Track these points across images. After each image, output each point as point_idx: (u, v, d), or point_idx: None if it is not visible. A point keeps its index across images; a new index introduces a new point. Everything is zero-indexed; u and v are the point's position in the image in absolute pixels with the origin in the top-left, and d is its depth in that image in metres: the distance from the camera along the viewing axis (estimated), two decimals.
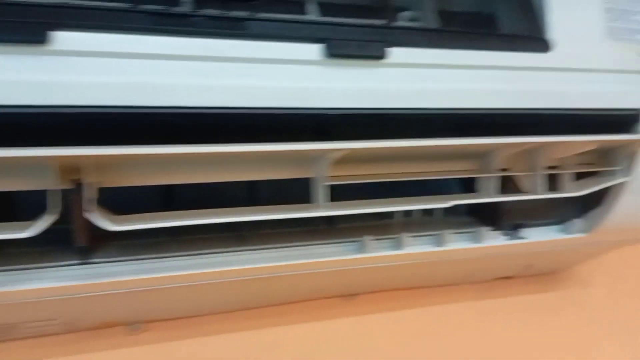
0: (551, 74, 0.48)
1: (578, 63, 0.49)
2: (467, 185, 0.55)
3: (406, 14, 0.46)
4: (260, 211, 0.41)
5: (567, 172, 0.51)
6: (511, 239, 0.57)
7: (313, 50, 0.39)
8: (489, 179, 0.49)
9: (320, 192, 0.43)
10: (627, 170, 0.54)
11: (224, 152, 0.36)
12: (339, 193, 0.51)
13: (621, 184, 0.54)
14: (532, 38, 0.47)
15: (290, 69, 0.38)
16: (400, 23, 0.45)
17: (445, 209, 0.61)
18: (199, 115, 0.35)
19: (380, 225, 0.56)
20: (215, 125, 0.37)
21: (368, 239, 0.49)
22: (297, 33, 0.38)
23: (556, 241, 0.59)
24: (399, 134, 0.42)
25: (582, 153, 0.56)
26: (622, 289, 0.81)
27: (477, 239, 0.54)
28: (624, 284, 0.81)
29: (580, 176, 0.56)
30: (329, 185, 0.44)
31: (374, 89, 0.41)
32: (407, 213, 0.60)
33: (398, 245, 0.51)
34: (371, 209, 0.43)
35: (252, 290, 0.55)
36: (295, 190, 0.46)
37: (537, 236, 0.58)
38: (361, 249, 0.50)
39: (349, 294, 0.67)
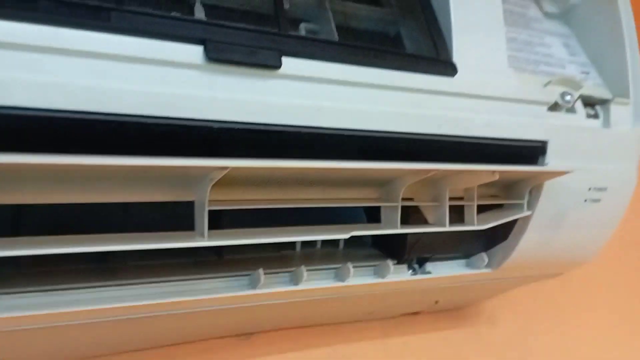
0: (457, 99, 0.45)
1: (483, 90, 0.47)
2: (374, 216, 0.52)
3: (304, 25, 0.42)
4: (117, 240, 0.34)
5: (471, 204, 0.49)
6: (416, 274, 0.54)
7: (192, 52, 0.33)
8: (393, 209, 0.46)
9: (199, 218, 0.37)
10: (531, 204, 0.52)
11: (75, 164, 0.30)
12: (232, 219, 0.45)
13: (525, 218, 0.53)
14: (439, 60, 0.45)
15: (163, 71, 0.33)
16: (298, 33, 0.41)
17: (350, 241, 0.58)
18: (42, 118, 0.29)
19: (277, 257, 0.51)
20: (67, 133, 0.30)
21: (261, 273, 0.44)
22: (174, 31, 0.33)
23: (462, 276, 0.56)
24: (291, 154, 0.37)
25: (489, 185, 0.54)
26: (530, 326, 0.80)
27: (381, 274, 0.50)
28: (531, 321, 0.81)
29: (489, 209, 0.54)
30: (208, 210, 0.38)
31: (265, 102, 0.36)
32: (309, 244, 0.55)
33: (295, 280, 0.46)
34: (259, 239, 0.38)
35: (125, 332, 0.47)
36: (183, 215, 0.40)
37: (443, 271, 0.55)
38: (253, 284, 0.45)
39: (243, 333, 0.60)
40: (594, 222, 0.58)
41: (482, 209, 0.53)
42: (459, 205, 0.51)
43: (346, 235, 0.41)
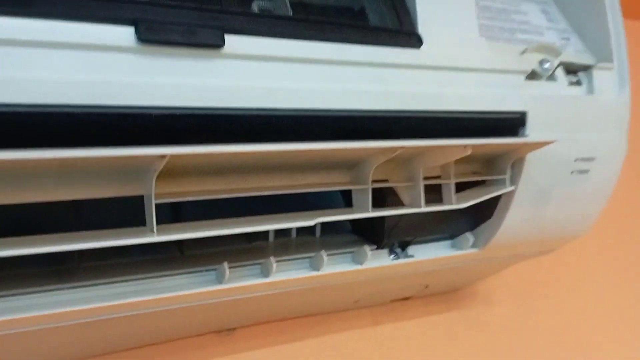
0: (425, 72, 0.43)
1: (452, 61, 0.44)
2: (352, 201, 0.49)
3: (256, 3, 0.39)
4: (63, 240, 0.32)
5: (449, 183, 0.46)
6: (398, 258, 0.51)
7: (123, 35, 0.31)
8: (363, 192, 0.43)
9: (147, 212, 0.35)
10: (514, 179, 0.49)
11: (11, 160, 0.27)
12: (196, 213, 0.43)
13: (509, 194, 0.50)
14: (402, 32, 0.42)
15: (92, 56, 0.30)
16: (242, 9, 0.38)
17: (329, 229, 0.56)
18: None
19: (248, 249, 0.49)
20: None
21: (226, 267, 0.41)
22: (101, 12, 0.30)
23: (447, 258, 0.54)
24: (242, 139, 0.35)
25: (469, 162, 0.51)
26: (527, 304, 0.78)
27: (358, 260, 0.48)
28: (528, 300, 0.78)
29: (472, 186, 0.52)
30: (170, 204, 0.36)
31: (208, 85, 0.33)
32: (283, 234, 0.53)
33: (265, 272, 0.44)
34: (213, 231, 0.36)
35: (91, 335, 0.45)
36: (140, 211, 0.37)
37: (426, 254, 0.53)
38: (219, 279, 0.42)
39: (225, 329, 0.58)
40: (584, 194, 0.55)
41: (463, 186, 0.51)
42: (438, 185, 0.48)
43: (311, 222, 0.39)
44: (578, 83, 0.53)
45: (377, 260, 0.49)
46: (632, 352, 0.80)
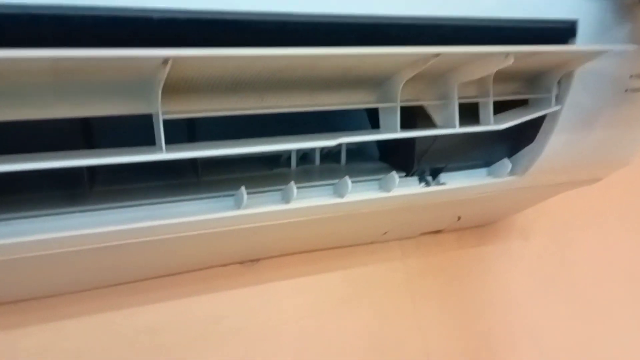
0: None
1: None
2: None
3: None
4: (70, 156, 0.30)
5: (486, 101, 0.42)
6: (428, 186, 0.48)
7: None
8: (391, 111, 0.39)
9: (156, 129, 0.32)
10: (560, 98, 0.45)
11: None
12: (212, 136, 0.40)
13: (553, 115, 0.46)
14: None
15: None
16: None
17: (355, 155, 0.52)
18: None
19: (269, 175, 0.46)
20: None
21: (243, 192, 0.39)
22: None
23: (483, 186, 0.50)
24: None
25: (510, 79, 0.47)
26: (566, 238, 0.74)
27: (385, 187, 0.45)
28: (567, 233, 0.74)
29: (512, 107, 0.47)
30: (163, 120, 0.33)
31: None
32: (307, 160, 0.50)
33: (286, 198, 0.41)
34: (227, 149, 0.33)
35: (115, 261, 0.44)
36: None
37: (460, 181, 0.49)
38: (237, 204, 0.40)
39: (249, 260, 0.57)
40: (635, 116, 0.50)
41: (503, 108, 0.46)
42: (474, 104, 0.44)
43: (333, 142, 0.36)
44: None
45: (406, 188, 0.46)
46: None
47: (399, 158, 0.49)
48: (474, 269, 0.66)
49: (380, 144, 0.52)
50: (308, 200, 0.42)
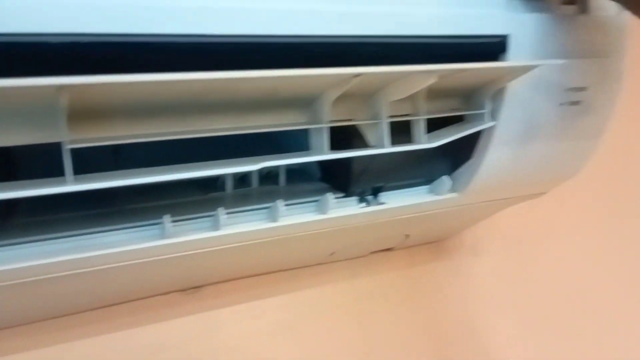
0: None
1: None
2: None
3: None
4: None
5: (418, 119, 0.41)
6: (369, 206, 0.47)
7: None
8: (319, 132, 0.38)
9: (65, 159, 0.30)
10: (494, 113, 0.44)
11: None
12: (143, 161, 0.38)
13: (489, 131, 0.45)
14: None
15: None
16: None
17: (298, 174, 0.51)
18: None
19: (202, 201, 0.44)
20: None
21: (167, 220, 0.37)
22: None
23: (424, 204, 0.49)
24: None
25: (446, 97, 0.46)
26: (517, 253, 0.74)
27: (321, 209, 0.44)
28: (519, 247, 0.74)
29: (450, 123, 0.46)
30: (70, 149, 0.31)
31: (124, 4, 0.28)
32: (244, 182, 0.48)
33: (214, 225, 0.40)
34: (140, 178, 0.31)
35: (39, 296, 0.42)
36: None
37: (400, 200, 0.48)
38: (162, 234, 0.38)
39: (191, 287, 0.55)
40: (575, 129, 0.50)
41: (440, 124, 0.46)
42: (409, 124, 0.43)
43: (254, 167, 0.34)
44: (571, 1, 0.47)
45: (344, 209, 0.45)
46: (623, 300, 0.77)
47: (338, 178, 0.48)
48: (425, 288, 0.65)
49: (321, 163, 0.51)
50: (239, 226, 0.41)
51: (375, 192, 0.48)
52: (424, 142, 0.41)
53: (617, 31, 0.48)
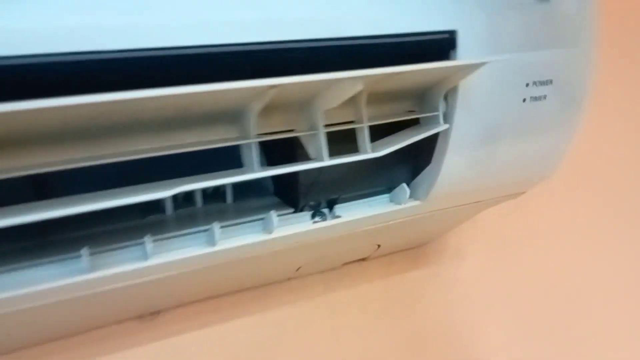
0: None
1: None
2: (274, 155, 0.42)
3: None
4: None
5: (361, 127, 0.38)
6: (324, 220, 0.44)
7: None
8: (248, 147, 0.35)
9: None
10: (448, 114, 0.41)
11: None
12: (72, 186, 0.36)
13: (444, 134, 0.42)
14: None
15: None
16: None
17: (249, 188, 0.48)
18: None
19: (139, 225, 0.42)
20: None
21: (84, 254, 0.34)
22: None
23: (385, 214, 0.46)
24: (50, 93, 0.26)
25: (400, 100, 0.43)
26: (503, 255, 0.70)
27: (267, 229, 0.41)
28: (504, 250, 0.70)
29: (406, 126, 0.43)
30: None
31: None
32: (189, 202, 0.45)
33: (143, 255, 0.37)
34: (24, 217, 0.28)
35: None
36: None
37: (357, 212, 0.45)
38: (85, 268, 0.35)
39: (147, 313, 0.52)
40: (543, 126, 0.46)
41: (398, 128, 0.42)
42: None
43: (168, 193, 0.31)
44: None
45: (291, 227, 0.42)
46: (614, 301, 0.73)
47: (287, 193, 0.45)
48: (405, 297, 0.62)
49: (273, 177, 0.48)
50: (173, 254, 0.38)
51: (331, 204, 0.45)
52: (367, 152, 0.38)
53: (583, 19, 0.44)
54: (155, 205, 0.44)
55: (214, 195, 0.46)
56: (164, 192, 0.31)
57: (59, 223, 0.37)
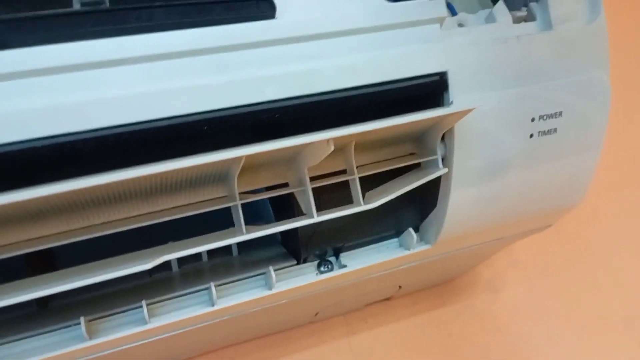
0: (281, 48, 0.33)
1: (327, 26, 0.34)
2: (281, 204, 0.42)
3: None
4: None
5: (353, 178, 0.37)
6: (330, 270, 0.43)
7: None
8: (235, 208, 0.35)
9: None
10: (447, 157, 0.39)
11: None
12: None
13: (445, 178, 0.40)
14: (246, 1, 0.33)
15: None
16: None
17: (256, 242, 0.48)
18: None
19: (143, 285, 0.42)
20: None
21: (82, 321, 0.35)
22: None
23: (393, 261, 0.44)
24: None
25: (401, 142, 0.41)
26: (541, 287, 0.66)
27: (268, 284, 0.40)
28: (542, 281, 0.66)
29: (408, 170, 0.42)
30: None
31: None
32: (195, 256, 0.45)
33: (142, 319, 0.37)
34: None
35: None
36: None
37: (365, 260, 0.43)
38: (81, 336, 0.36)
39: None
40: (558, 158, 0.43)
41: (398, 172, 0.41)
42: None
43: (149, 265, 0.31)
44: (529, 18, 0.41)
45: (294, 280, 0.41)
46: None
47: (290, 244, 0.44)
48: (433, 336, 0.59)
49: None
50: (172, 315, 0.38)
51: (336, 253, 0.44)
52: (360, 204, 0.36)
53: (592, 42, 0.41)
54: (162, 263, 0.44)
55: (219, 248, 0.46)
56: (144, 264, 0.31)
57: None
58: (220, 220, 0.37)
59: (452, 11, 0.40)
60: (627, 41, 0.86)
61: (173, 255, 0.32)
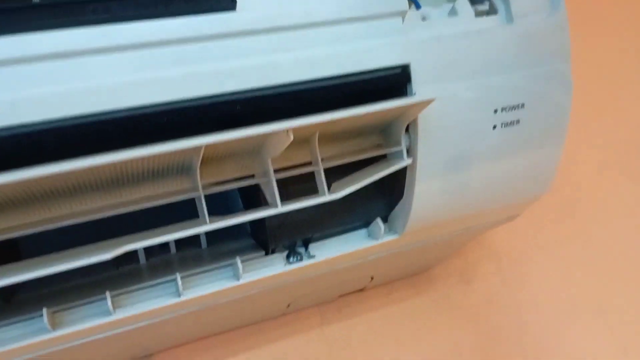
0: (242, 39, 0.33)
1: (288, 18, 0.34)
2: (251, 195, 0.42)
3: None
4: None
5: (318, 169, 0.37)
6: (295, 262, 0.43)
7: None
8: (198, 199, 0.35)
9: None
10: (411, 148, 0.40)
11: None
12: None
13: (410, 169, 0.40)
14: None
15: None
16: None
17: (228, 230, 0.48)
18: None
19: (110, 277, 0.42)
20: None
21: (45, 313, 0.35)
22: None
23: (363, 251, 0.45)
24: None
25: (366, 134, 0.42)
26: (515, 277, 0.67)
27: (235, 275, 0.40)
28: (515, 271, 0.67)
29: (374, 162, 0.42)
30: None
31: None
32: (163, 248, 0.46)
33: (105, 310, 0.37)
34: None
35: None
36: None
37: (334, 250, 0.44)
38: (45, 327, 0.36)
39: (139, 357, 0.53)
40: (522, 149, 0.44)
41: (365, 163, 0.41)
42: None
43: (110, 255, 0.31)
44: (491, 11, 0.42)
45: (262, 270, 0.41)
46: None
47: (258, 236, 0.44)
48: (407, 326, 0.60)
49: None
50: (138, 306, 0.38)
51: (306, 244, 0.44)
52: (325, 195, 0.37)
53: (553, 34, 0.42)
54: (129, 255, 0.44)
55: (188, 241, 0.46)
56: (105, 254, 0.31)
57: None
58: (188, 214, 0.38)
59: (417, 5, 0.40)
60: (590, 32, 0.87)
61: (135, 245, 0.32)
